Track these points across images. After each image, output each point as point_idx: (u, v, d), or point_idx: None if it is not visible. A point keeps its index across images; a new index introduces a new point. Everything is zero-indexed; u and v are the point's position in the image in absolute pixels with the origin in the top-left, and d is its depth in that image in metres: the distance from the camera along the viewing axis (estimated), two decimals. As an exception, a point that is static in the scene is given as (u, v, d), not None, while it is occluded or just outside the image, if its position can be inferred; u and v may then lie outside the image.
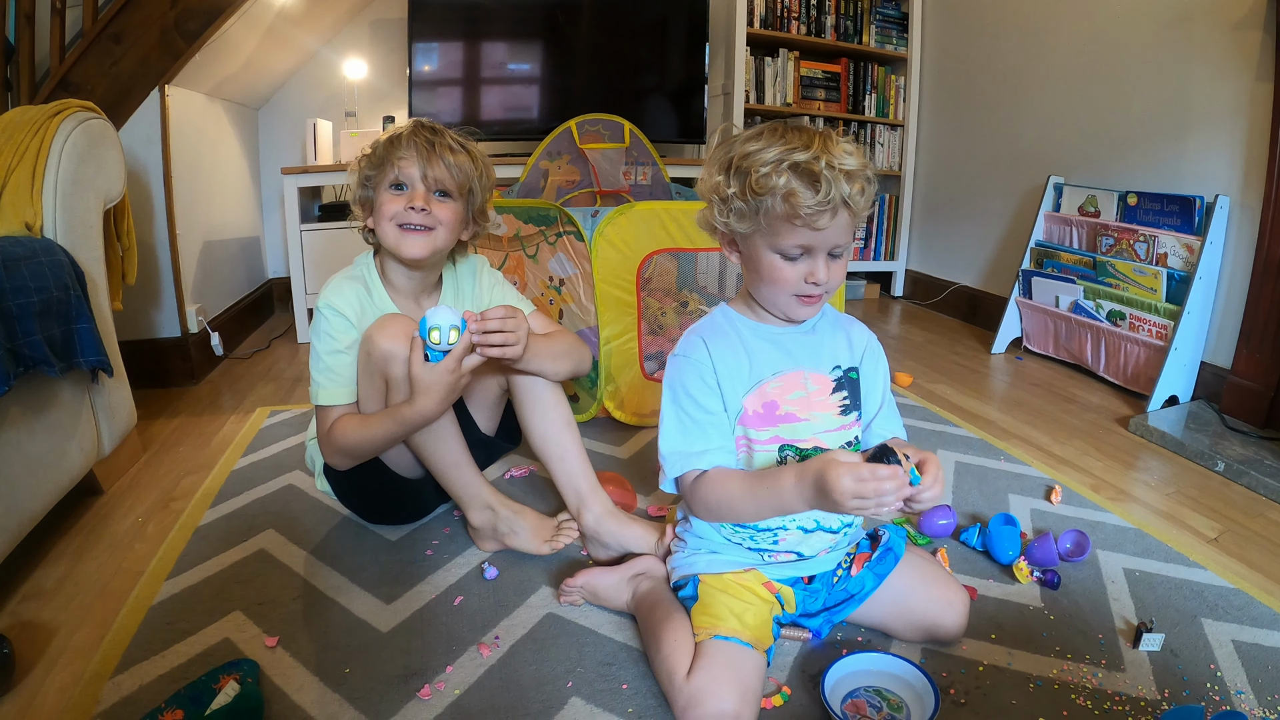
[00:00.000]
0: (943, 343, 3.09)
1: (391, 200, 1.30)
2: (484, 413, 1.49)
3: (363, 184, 1.34)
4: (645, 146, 3.01)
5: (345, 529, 1.50)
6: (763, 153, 0.98)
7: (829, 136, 0.99)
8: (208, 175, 2.74)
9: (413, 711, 1.03)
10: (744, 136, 1.03)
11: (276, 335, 3.05)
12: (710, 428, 1.08)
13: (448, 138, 1.32)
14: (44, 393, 1.41)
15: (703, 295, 2.46)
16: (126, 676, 1.08)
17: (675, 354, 1.11)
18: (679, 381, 1.09)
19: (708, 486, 1.06)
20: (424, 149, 1.29)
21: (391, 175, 1.29)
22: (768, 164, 0.97)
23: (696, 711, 0.96)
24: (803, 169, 0.96)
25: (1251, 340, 2.13)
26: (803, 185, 0.96)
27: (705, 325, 1.13)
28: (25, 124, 1.55)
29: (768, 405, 1.08)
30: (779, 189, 0.96)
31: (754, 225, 1.01)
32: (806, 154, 0.96)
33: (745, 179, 0.99)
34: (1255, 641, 1.20)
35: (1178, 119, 2.43)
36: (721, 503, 1.06)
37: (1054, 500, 1.65)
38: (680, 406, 1.09)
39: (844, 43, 3.69)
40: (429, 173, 1.29)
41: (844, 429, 1.11)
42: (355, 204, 1.36)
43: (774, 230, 1.00)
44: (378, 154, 1.31)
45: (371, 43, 3.45)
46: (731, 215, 1.03)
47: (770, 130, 1.01)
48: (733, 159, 1.01)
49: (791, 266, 1.02)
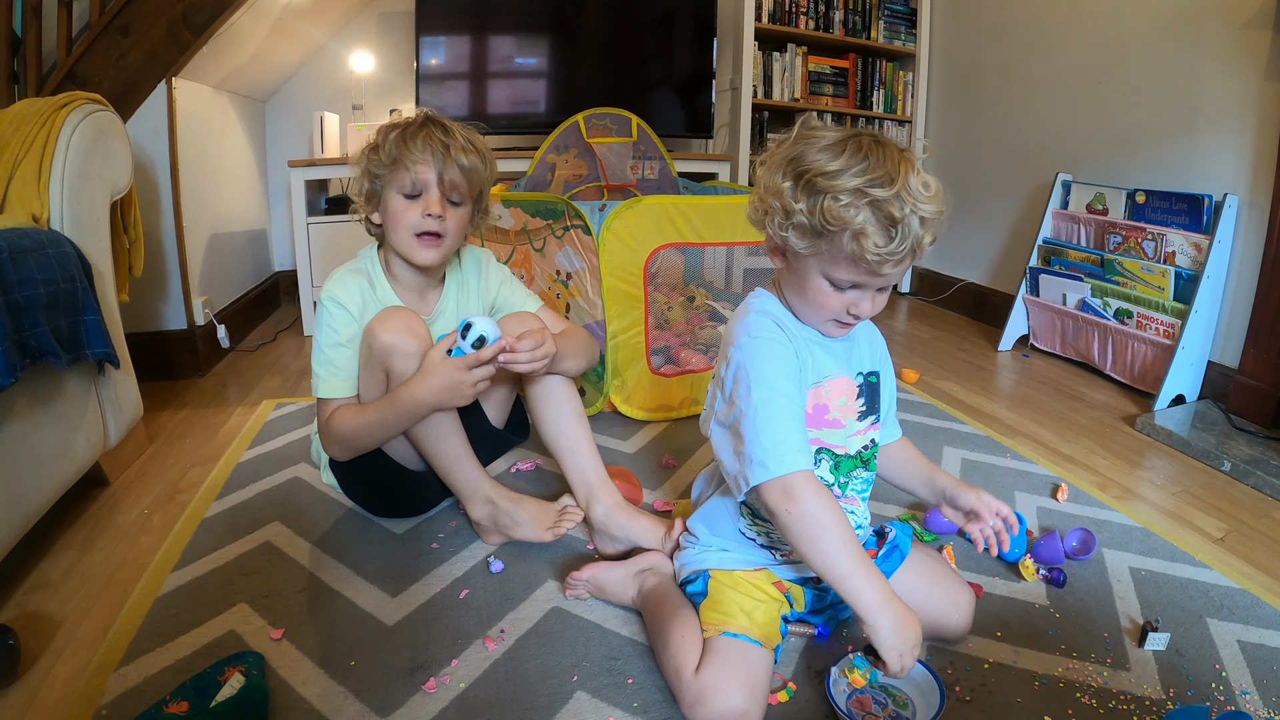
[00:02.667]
0: (949, 339, 3.09)
1: (407, 208, 1.29)
2: (494, 405, 1.49)
3: (369, 177, 1.32)
4: (653, 141, 3.00)
5: (351, 522, 1.50)
6: (841, 177, 0.90)
7: (910, 165, 0.91)
8: (214, 168, 2.74)
9: (418, 705, 1.03)
10: (820, 143, 0.94)
11: (283, 328, 3.05)
12: (800, 419, 1.00)
13: (459, 137, 1.31)
14: (50, 384, 1.41)
15: (710, 290, 2.46)
16: (132, 668, 1.08)
17: (750, 336, 1.01)
18: (763, 366, 0.99)
19: (817, 494, 0.95)
20: (439, 152, 1.27)
21: (405, 180, 1.28)
22: (845, 194, 0.89)
23: (704, 708, 0.96)
24: (882, 209, 0.89)
25: (1259, 340, 2.12)
26: (878, 228, 0.90)
27: (766, 308, 1.05)
28: (32, 116, 1.55)
29: (819, 408, 1.06)
30: (851, 225, 0.90)
31: (813, 249, 0.95)
32: (888, 191, 0.88)
33: (817, 201, 0.91)
34: (1260, 642, 1.20)
35: (1186, 117, 2.42)
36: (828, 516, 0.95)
37: (1060, 498, 1.65)
38: (774, 387, 0.98)
39: (852, 38, 3.68)
40: (444, 177, 1.28)
41: (860, 434, 1.11)
42: (359, 196, 1.35)
43: (832, 259, 0.95)
44: (388, 152, 1.28)
45: (379, 36, 3.45)
46: (791, 231, 0.95)
47: (853, 145, 0.92)
48: (805, 172, 0.93)
49: (838, 295, 0.98)
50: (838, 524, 0.94)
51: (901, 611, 0.93)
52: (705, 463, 1.61)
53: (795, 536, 0.95)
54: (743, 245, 2.19)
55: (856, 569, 0.93)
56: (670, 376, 2.06)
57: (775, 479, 0.95)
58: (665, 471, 1.76)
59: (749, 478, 0.97)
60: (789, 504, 0.94)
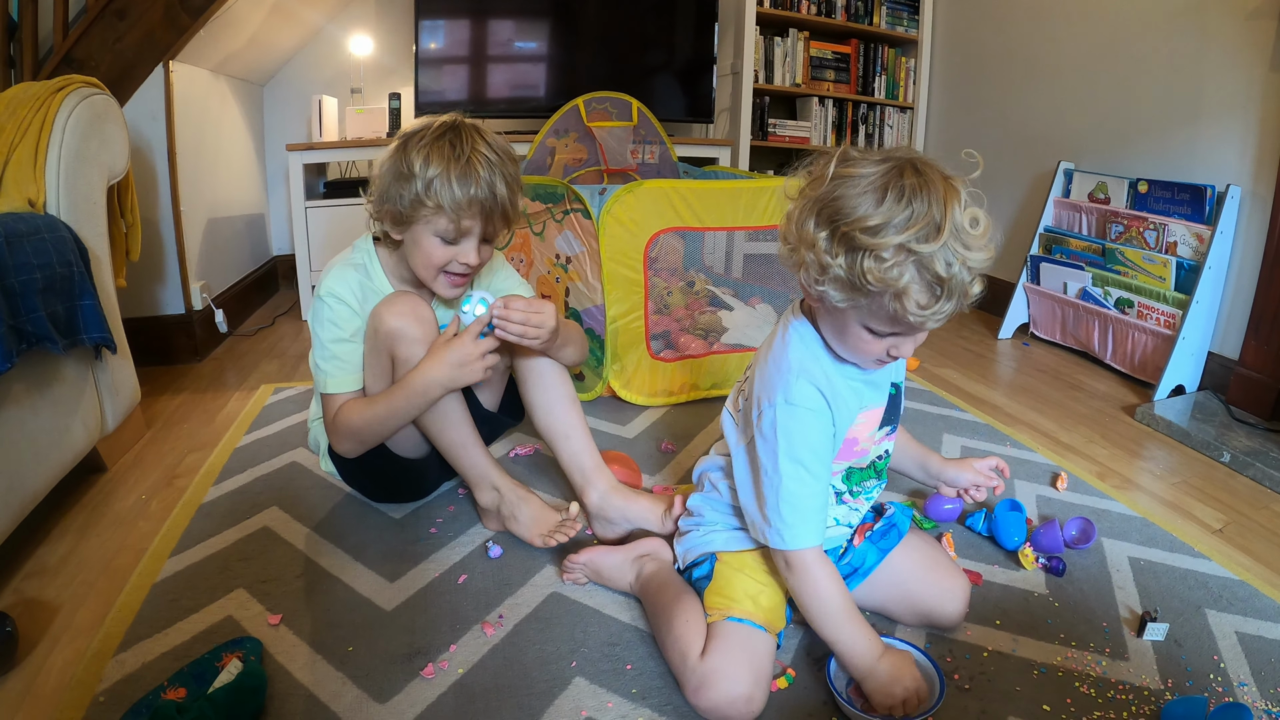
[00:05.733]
0: (949, 327, 3.07)
1: (440, 251, 1.24)
2: (487, 389, 1.48)
3: (400, 203, 1.21)
4: (653, 125, 2.99)
5: (349, 507, 1.50)
6: (884, 233, 0.82)
7: (955, 198, 0.83)
8: (212, 152, 2.72)
9: (416, 690, 1.03)
10: (858, 185, 0.85)
11: (281, 312, 3.04)
12: (826, 494, 1.02)
13: (502, 172, 1.22)
14: (47, 370, 1.40)
15: (710, 275, 2.46)
16: (130, 654, 1.08)
17: (789, 404, 0.97)
18: (796, 440, 0.97)
19: (819, 570, 1.00)
20: (488, 202, 1.21)
21: (446, 228, 1.21)
22: (889, 253, 0.82)
23: (710, 692, 0.96)
24: (929, 268, 0.82)
25: (1260, 331, 2.12)
26: (922, 287, 0.84)
27: (805, 367, 0.99)
28: (28, 100, 1.53)
29: (849, 442, 1.05)
30: (895, 285, 0.83)
31: (852, 303, 0.89)
32: (934, 245, 0.81)
33: (856, 259, 0.84)
34: (1259, 634, 1.20)
35: (1190, 107, 2.40)
36: (833, 594, 1.00)
37: (1059, 487, 1.65)
38: (802, 464, 0.98)
39: (854, 23, 3.65)
40: (490, 227, 1.25)
41: (877, 444, 1.10)
42: (377, 207, 1.26)
43: (872, 313, 0.89)
44: (431, 196, 1.18)
45: (378, 19, 3.42)
46: (828, 284, 0.89)
47: (895, 188, 0.83)
48: (842, 224, 0.85)
49: (878, 342, 0.93)
50: (835, 596, 1.00)
51: (891, 667, 0.99)
52: (704, 448, 1.61)
53: (794, 595, 1.03)
54: (743, 230, 2.17)
55: (850, 634, 1.00)
56: (670, 361, 2.05)
57: (782, 551, 1.00)
58: (665, 456, 1.76)
59: (766, 537, 1.02)
60: (789, 574, 1.01)
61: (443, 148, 1.19)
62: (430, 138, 1.21)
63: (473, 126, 1.25)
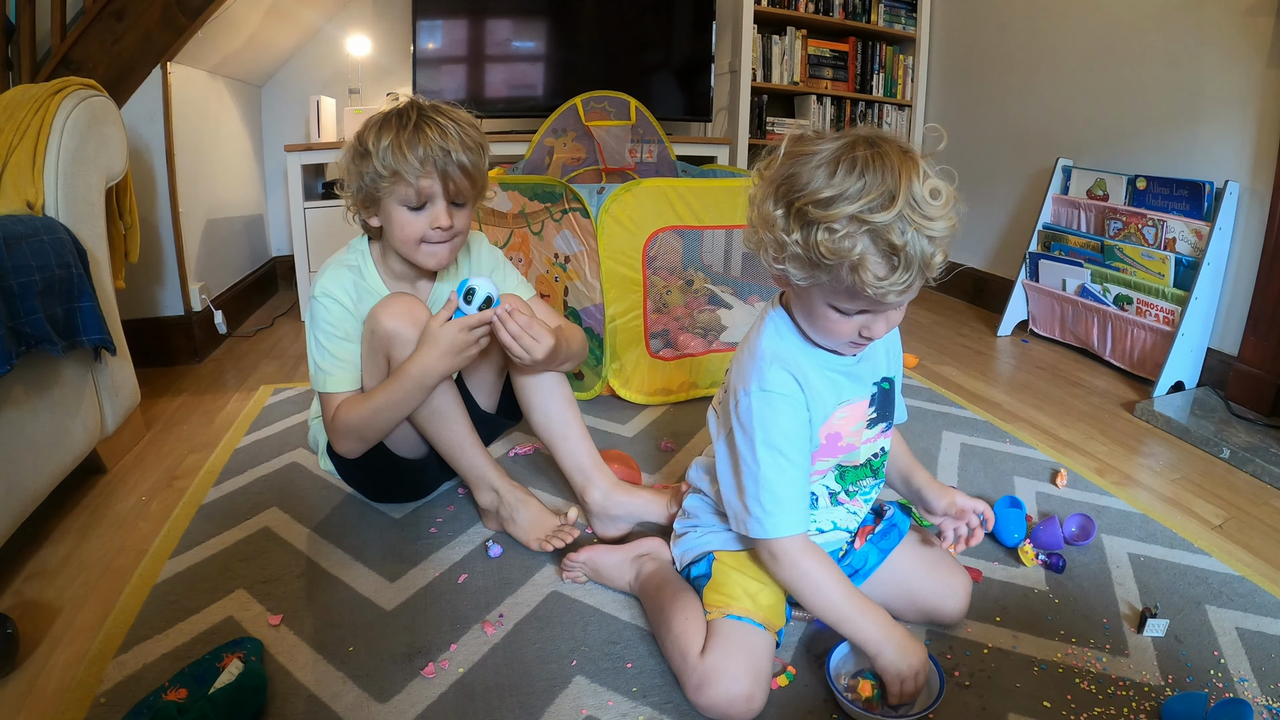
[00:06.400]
0: (948, 324, 3.08)
1: (411, 221, 1.25)
2: (483, 390, 1.48)
3: (363, 182, 1.25)
4: (651, 124, 2.99)
5: (349, 507, 1.50)
6: (836, 205, 0.82)
7: (913, 172, 0.82)
8: (210, 153, 2.72)
9: (416, 689, 1.03)
10: (812, 161, 0.85)
11: (280, 313, 3.04)
12: (806, 482, 1.02)
13: (455, 135, 1.23)
14: (47, 372, 1.40)
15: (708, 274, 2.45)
16: (130, 655, 1.08)
17: (762, 390, 0.97)
18: (770, 427, 0.97)
19: (804, 555, 1.00)
20: (441, 160, 1.21)
21: (408, 193, 1.22)
22: (841, 224, 0.82)
23: (710, 690, 0.96)
24: (882, 237, 0.81)
25: (1259, 327, 2.12)
26: (879, 258, 0.83)
27: (777, 353, 0.99)
28: (26, 102, 1.53)
29: (832, 437, 1.04)
30: (849, 257, 0.82)
31: (812, 280, 0.89)
32: (889, 214, 0.80)
33: (809, 232, 0.84)
34: (1259, 629, 1.20)
35: (1188, 103, 2.40)
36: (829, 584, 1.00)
37: (1059, 484, 1.65)
38: (778, 450, 0.97)
39: (852, 21, 3.65)
40: (450, 185, 1.24)
41: (869, 442, 1.10)
42: (351, 198, 1.29)
43: (834, 290, 0.89)
44: (385, 163, 1.20)
45: (375, 19, 3.42)
46: (787, 262, 0.89)
47: (847, 161, 0.83)
48: (796, 199, 0.85)
49: (848, 320, 0.92)
50: (829, 576, 1.00)
51: (903, 640, 0.98)
52: (703, 447, 1.61)
53: (788, 587, 1.03)
54: (741, 228, 2.17)
55: (855, 611, 0.99)
56: (669, 360, 2.05)
57: (765, 541, 1.00)
58: (664, 455, 1.76)
59: (747, 527, 1.01)
60: (776, 566, 1.01)
61: (392, 120, 1.23)
62: (381, 117, 1.25)
63: (428, 104, 1.27)
